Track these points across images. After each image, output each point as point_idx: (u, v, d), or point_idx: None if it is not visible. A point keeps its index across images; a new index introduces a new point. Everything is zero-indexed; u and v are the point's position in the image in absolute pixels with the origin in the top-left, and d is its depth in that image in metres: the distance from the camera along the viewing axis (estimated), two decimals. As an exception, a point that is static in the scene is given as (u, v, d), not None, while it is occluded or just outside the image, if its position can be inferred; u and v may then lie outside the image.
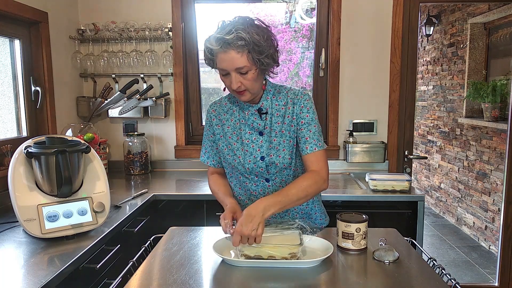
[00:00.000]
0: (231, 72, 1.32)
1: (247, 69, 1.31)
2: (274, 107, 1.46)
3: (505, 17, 3.86)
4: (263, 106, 1.46)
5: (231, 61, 1.29)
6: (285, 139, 1.45)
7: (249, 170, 1.47)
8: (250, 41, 1.26)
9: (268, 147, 1.45)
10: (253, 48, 1.28)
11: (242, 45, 1.27)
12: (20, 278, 1.20)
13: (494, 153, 3.96)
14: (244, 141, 1.47)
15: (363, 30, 2.68)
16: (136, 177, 2.62)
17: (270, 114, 1.46)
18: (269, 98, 1.46)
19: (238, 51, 1.28)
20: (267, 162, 1.45)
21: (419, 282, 1.14)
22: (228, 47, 1.28)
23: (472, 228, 4.38)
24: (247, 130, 1.47)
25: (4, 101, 2.14)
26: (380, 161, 2.67)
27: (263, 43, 1.29)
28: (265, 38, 1.30)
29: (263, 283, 1.12)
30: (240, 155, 1.48)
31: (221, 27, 1.32)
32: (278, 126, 1.45)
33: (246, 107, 1.47)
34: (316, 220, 1.61)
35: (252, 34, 1.27)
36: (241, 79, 1.33)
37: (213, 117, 1.55)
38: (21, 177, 1.48)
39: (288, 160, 1.46)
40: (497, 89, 3.80)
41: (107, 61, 2.69)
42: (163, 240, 1.42)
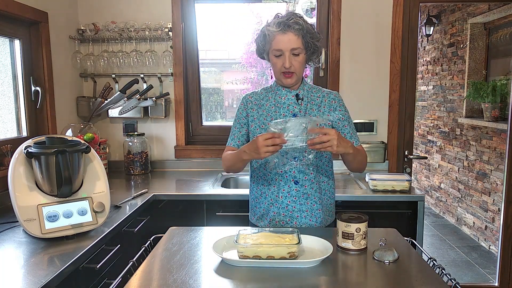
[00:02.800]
0: (286, 52, 1.51)
1: (299, 51, 1.52)
2: (310, 97, 1.65)
3: (505, 17, 3.86)
4: (301, 93, 1.64)
5: (288, 41, 1.50)
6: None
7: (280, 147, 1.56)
8: (305, 27, 1.51)
9: None
10: (307, 33, 1.52)
11: (299, 29, 1.50)
12: (20, 278, 1.20)
13: (494, 153, 3.96)
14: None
15: (363, 30, 2.68)
16: (136, 177, 2.62)
17: (306, 101, 1.63)
18: (305, 88, 1.66)
19: (295, 34, 1.50)
20: None
21: (419, 282, 1.14)
22: (288, 29, 1.50)
23: (472, 228, 4.39)
24: (281, 112, 1.63)
25: (4, 101, 2.15)
26: (380, 161, 2.67)
27: (313, 31, 1.55)
28: (314, 28, 1.57)
29: (263, 283, 1.12)
30: None
31: (279, 16, 1.55)
32: (313, 112, 1.62)
33: (284, 93, 1.64)
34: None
35: (306, 22, 1.53)
36: (293, 60, 1.53)
37: (249, 102, 1.70)
38: (21, 177, 1.48)
39: None
40: (497, 89, 3.80)
41: (107, 61, 2.69)
42: (163, 240, 1.42)
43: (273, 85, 1.69)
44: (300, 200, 1.61)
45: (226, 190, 2.31)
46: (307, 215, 1.62)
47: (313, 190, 1.62)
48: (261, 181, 1.65)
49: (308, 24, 1.53)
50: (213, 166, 2.79)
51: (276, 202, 1.62)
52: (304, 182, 1.61)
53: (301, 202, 1.61)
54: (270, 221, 1.65)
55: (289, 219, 1.62)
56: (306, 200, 1.62)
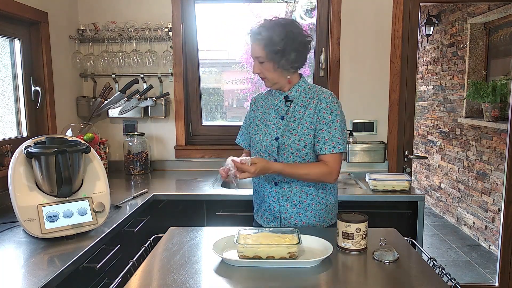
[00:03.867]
0: (254, 59, 1.61)
1: (262, 60, 1.57)
2: (301, 98, 1.64)
3: (505, 17, 3.86)
4: (290, 95, 1.65)
5: (253, 50, 1.59)
6: (301, 126, 1.60)
7: (264, 148, 1.66)
8: (266, 37, 1.52)
9: (284, 129, 1.62)
10: (268, 44, 1.53)
11: (258, 39, 1.54)
12: (20, 278, 1.20)
13: (494, 153, 3.96)
14: (268, 123, 1.68)
15: (363, 30, 2.68)
16: (136, 177, 2.62)
17: (295, 103, 1.64)
18: (299, 90, 1.65)
19: (257, 44, 1.56)
20: (280, 143, 1.61)
21: (419, 282, 1.14)
22: (252, 38, 1.58)
23: (472, 228, 4.39)
24: (272, 114, 1.68)
25: (4, 101, 2.15)
26: (380, 161, 2.67)
27: (276, 39, 1.52)
28: (282, 38, 1.52)
29: (263, 283, 1.12)
30: (261, 134, 1.68)
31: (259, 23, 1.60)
32: (299, 114, 1.62)
33: (277, 95, 1.68)
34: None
35: (271, 31, 1.52)
36: (260, 67, 1.60)
37: (253, 103, 1.80)
38: (21, 177, 1.48)
39: (296, 145, 1.59)
40: (497, 89, 3.80)
41: (107, 61, 2.69)
42: (163, 240, 1.42)
43: None
44: (280, 201, 1.65)
45: (226, 190, 2.31)
46: (286, 217, 1.65)
47: (291, 193, 1.64)
48: (254, 179, 1.75)
49: (276, 34, 1.51)
50: (213, 166, 2.79)
51: (263, 200, 1.71)
52: (282, 184, 1.64)
53: (281, 203, 1.65)
54: (261, 216, 1.74)
55: (273, 217, 1.69)
56: (286, 202, 1.65)
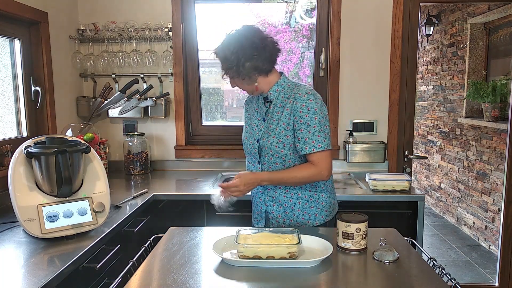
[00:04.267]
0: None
1: (230, 75, 1.61)
2: (279, 98, 1.63)
3: (505, 17, 3.85)
4: (270, 95, 1.65)
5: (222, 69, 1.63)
6: (279, 127, 1.60)
7: (249, 150, 1.71)
8: (222, 57, 1.59)
9: (264, 131, 1.64)
10: (224, 62, 1.59)
11: (219, 60, 1.62)
12: (20, 278, 1.20)
13: (494, 153, 3.96)
14: (252, 124, 1.71)
15: (363, 30, 2.68)
16: (136, 177, 2.62)
17: (274, 104, 1.64)
18: (278, 90, 1.64)
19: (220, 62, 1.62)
20: (261, 145, 1.64)
21: (419, 282, 1.14)
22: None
23: (472, 228, 4.39)
24: (257, 116, 1.71)
25: (4, 101, 2.14)
26: (380, 161, 2.67)
27: (229, 57, 1.56)
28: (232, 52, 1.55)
29: (263, 283, 1.12)
30: (247, 136, 1.73)
31: None
32: (277, 115, 1.62)
33: (260, 97, 1.70)
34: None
35: (223, 52, 1.57)
36: (233, 81, 1.64)
37: (245, 104, 1.83)
38: (21, 177, 1.48)
39: (275, 147, 1.60)
40: (497, 89, 3.80)
41: (107, 61, 2.69)
42: (163, 240, 1.42)
43: None
44: (266, 202, 1.69)
45: (226, 190, 2.31)
46: (273, 216, 1.68)
47: (276, 194, 1.66)
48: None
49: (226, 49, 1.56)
50: (213, 166, 2.79)
51: (253, 201, 1.78)
52: (267, 186, 1.66)
53: (267, 204, 1.68)
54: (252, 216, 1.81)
55: (260, 218, 1.73)
56: (272, 202, 1.67)
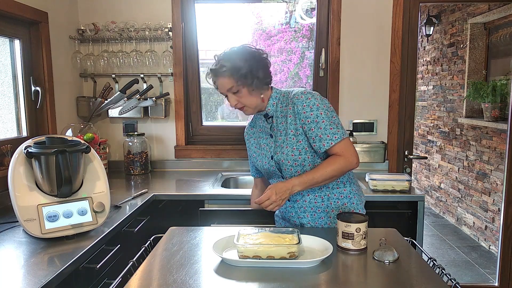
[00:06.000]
0: (227, 93, 1.56)
1: (236, 89, 1.54)
2: (278, 110, 1.62)
3: (505, 17, 3.86)
4: (269, 111, 1.63)
5: (222, 85, 1.55)
6: (288, 137, 1.57)
7: (266, 170, 1.67)
8: (230, 66, 1.51)
9: (275, 146, 1.61)
10: (234, 71, 1.51)
11: (224, 71, 1.52)
12: (20, 278, 1.20)
13: (494, 153, 3.96)
14: (261, 145, 1.68)
15: (363, 30, 2.68)
16: (136, 177, 2.62)
17: (275, 117, 1.62)
18: (274, 103, 1.63)
19: (224, 76, 1.53)
20: (276, 160, 1.60)
21: (419, 282, 1.14)
22: (217, 74, 1.55)
23: (472, 228, 4.39)
24: (263, 136, 1.68)
25: (4, 101, 2.14)
26: (380, 161, 2.67)
27: (242, 65, 1.51)
28: (243, 60, 1.52)
29: (263, 283, 1.12)
30: (259, 159, 1.69)
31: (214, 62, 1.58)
32: (282, 126, 1.59)
33: (259, 117, 1.68)
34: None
35: (233, 60, 1.51)
36: (236, 97, 1.56)
37: (246, 134, 1.79)
38: (21, 177, 1.48)
39: (291, 156, 1.56)
40: (497, 89, 3.80)
41: (107, 61, 2.69)
42: (163, 240, 1.42)
43: None
44: (299, 214, 1.64)
45: (226, 190, 2.31)
46: (311, 225, 1.64)
47: (306, 203, 1.62)
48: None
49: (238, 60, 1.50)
50: (213, 166, 2.79)
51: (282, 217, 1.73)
52: (295, 197, 1.62)
53: (301, 216, 1.64)
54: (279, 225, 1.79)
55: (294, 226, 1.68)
56: (305, 213, 1.63)
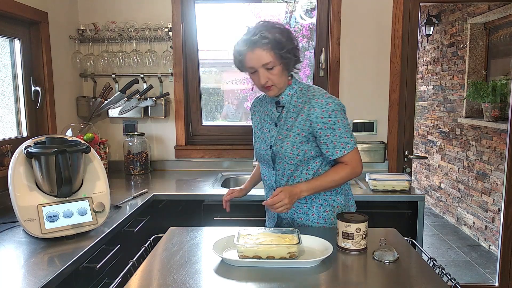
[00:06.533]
0: (259, 69, 1.48)
1: (273, 64, 1.46)
2: (292, 103, 1.58)
3: (505, 17, 3.85)
4: (282, 100, 1.59)
5: (258, 58, 1.46)
6: (292, 133, 1.55)
7: (261, 156, 1.65)
8: (272, 39, 1.44)
9: (277, 137, 1.58)
10: (276, 45, 1.44)
11: (266, 43, 1.43)
12: (20, 278, 1.20)
13: (494, 153, 3.96)
14: (264, 130, 1.65)
15: (363, 30, 2.68)
16: (136, 177, 2.62)
17: (287, 108, 1.58)
18: (290, 94, 1.58)
19: (263, 49, 1.44)
20: (274, 151, 1.58)
21: (419, 282, 1.14)
22: (255, 46, 1.44)
23: (472, 228, 4.39)
24: (268, 121, 1.64)
25: (4, 101, 2.14)
26: (380, 161, 2.67)
27: (284, 40, 1.46)
28: (285, 36, 1.47)
29: (263, 283, 1.12)
30: (258, 142, 1.67)
31: (247, 31, 1.49)
32: (291, 120, 1.56)
33: (269, 100, 1.64)
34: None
35: (274, 33, 1.44)
36: (268, 74, 1.48)
37: (251, 109, 1.76)
38: (21, 177, 1.48)
39: (289, 153, 1.55)
40: (497, 89, 3.80)
41: (107, 61, 2.69)
42: (163, 240, 1.42)
43: None
44: None
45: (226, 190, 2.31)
46: (288, 222, 1.65)
47: None
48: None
49: (278, 34, 1.44)
50: (213, 166, 2.79)
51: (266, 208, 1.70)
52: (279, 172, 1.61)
53: None
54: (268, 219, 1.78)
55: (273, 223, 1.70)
56: None
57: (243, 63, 1.52)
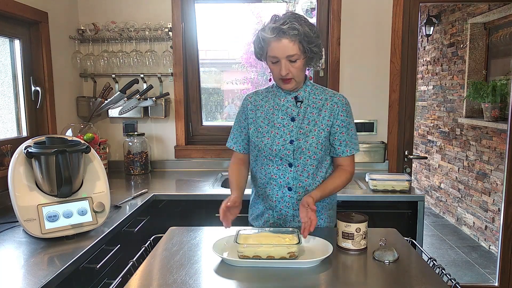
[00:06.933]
0: (282, 59, 1.44)
1: (297, 57, 1.44)
2: (311, 99, 1.57)
3: (505, 17, 3.85)
4: (300, 95, 1.57)
5: (284, 48, 1.42)
6: (317, 128, 1.55)
7: (276, 152, 1.55)
8: (302, 32, 1.41)
9: (298, 132, 1.54)
10: (304, 38, 1.42)
11: (295, 34, 1.40)
12: (20, 278, 1.20)
13: (494, 153, 3.96)
14: (276, 124, 1.57)
15: (363, 30, 2.68)
16: (136, 177, 2.62)
17: (306, 104, 1.57)
18: (307, 90, 1.58)
19: (291, 40, 1.41)
20: (295, 146, 1.54)
21: (419, 282, 1.14)
22: (283, 35, 1.41)
23: (472, 228, 4.39)
24: (279, 115, 1.57)
25: (4, 101, 2.14)
26: (380, 161, 2.67)
27: (312, 35, 1.43)
28: (313, 31, 1.45)
29: (263, 283, 1.12)
30: (269, 137, 1.57)
31: (275, 19, 1.45)
32: (312, 116, 1.55)
33: (283, 95, 1.58)
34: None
35: (303, 26, 1.42)
36: (290, 66, 1.45)
37: (248, 103, 1.65)
38: (21, 177, 1.48)
39: (314, 148, 1.54)
40: (497, 89, 3.80)
41: (107, 61, 2.69)
42: (163, 240, 1.42)
43: (274, 85, 1.63)
44: (294, 205, 1.59)
45: (226, 190, 2.31)
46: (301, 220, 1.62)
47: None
48: (258, 184, 1.65)
49: (307, 27, 1.43)
50: (213, 166, 2.79)
51: (271, 206, 1.62)
52: (297, 189, 1.57)
53: (295, 207, 1.58)
54: (264, 222, 1.65)
55: (283, 222, 1.63)
56: None
57: (265, 50, 1.48)
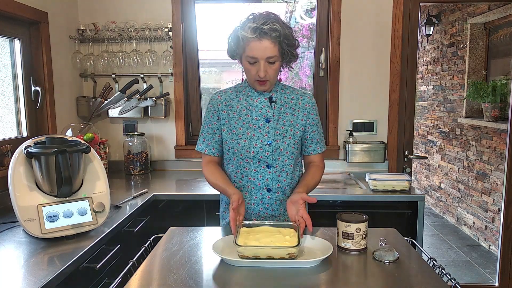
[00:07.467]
0: (261, 60, 1.42)
1: (276, 59, 1.43)
2: (283, 99, 1.58)
3: (505, 17, 3.86)
4: (274, 96, 1.57)
5: (264, 50, 1.40)
6: (293, 128, 1.57)
7: (254, 154, 1.54)
8: (282, 33, 1.40)
9: (275, 133, 1.55)
10: (284, 40, 1.41)
11: (276, 36, 1.39)
12: (20, 278, 1.20)
13: (494, 153, 3.96)
14: (252, 126, 1.55)
15: (363, 30, 2.68)
16: (136, 177, 2.62)
17: (279, 104, 1.57)
18: (278, 90, 1.59)
19: (272, 41, 1.39)
20: (274, 147, 1.54)
21: (419, 282, 1.14)
22: (264, 36, 1.38)
23: (472, 228, 4.39)
24: (254, 116, 1.55)
25: (4, 101, 2.14)
26: (380, 161, 2.67)
27: (291, 38, 1.44)
28: (291, 33, 1.45)
29: (263, 283, 1.12)
30: (245, 139, 1.54)
31: (254, 18, 1.42)
32: (287, 116, 1.57)
33: (256, 95, 1.56)
34: None
35: (284, 28, 1.41)
36: (268, 68, 1.44)
37: (219, 103, 1.58)
38: (21, 177, 1.48)
39: (291, 148, 1.56)
40: (497, 89, 3.80)
41: (107, 61, 2.69)
42: (163, 240, 1.42)
43: (244, 84, 1.60)
44: (273, 206, 1.59)
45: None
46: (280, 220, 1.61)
47: (285, 196, 1.59)
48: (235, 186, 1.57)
49: (286, 29, 1.42)
50: (213, 166, 2.79)
51: (248, 209, 1.58)
52: (277, 190, 1.57)
53: (274, 208, 1.59)
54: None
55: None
56: (279, 207, 1.60)
57: (243, 50, 1.43)
